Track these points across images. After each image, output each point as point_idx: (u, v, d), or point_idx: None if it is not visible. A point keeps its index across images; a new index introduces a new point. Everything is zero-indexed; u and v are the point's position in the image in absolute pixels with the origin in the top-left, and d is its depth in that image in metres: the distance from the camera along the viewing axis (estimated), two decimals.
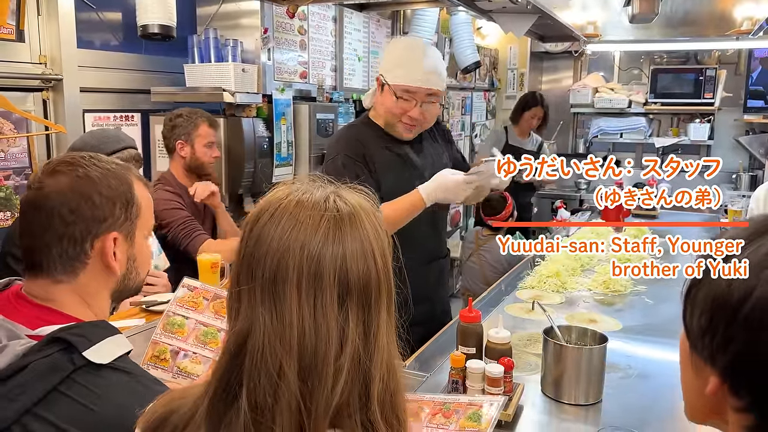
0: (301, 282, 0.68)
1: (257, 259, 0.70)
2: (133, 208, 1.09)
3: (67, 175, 1.03)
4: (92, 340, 0.95)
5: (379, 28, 4.39)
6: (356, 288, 0.70)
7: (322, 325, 0.68)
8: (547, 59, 6.47)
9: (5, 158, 2.73)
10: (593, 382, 1.51)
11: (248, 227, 0.73)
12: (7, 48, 2.68)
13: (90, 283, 1.06)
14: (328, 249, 0.69)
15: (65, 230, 1.02)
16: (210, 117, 2.78)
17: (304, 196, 0.72)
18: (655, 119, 6.03)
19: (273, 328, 0.68)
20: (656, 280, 2.60)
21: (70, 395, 0.91)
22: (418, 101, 1.98)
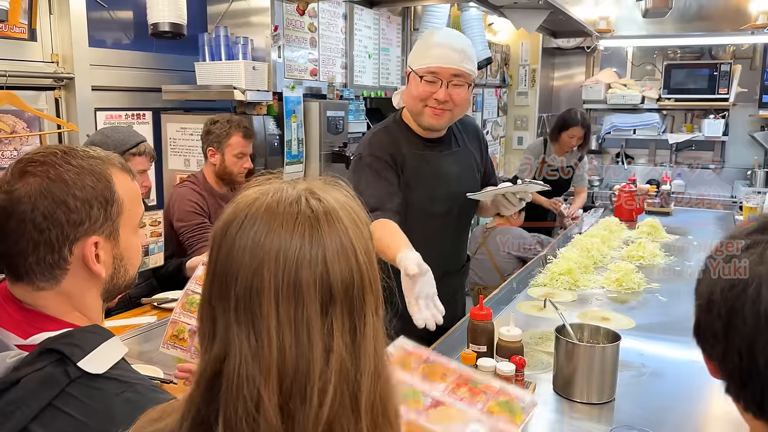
0: (279, 294, 0.62)
1: (229, 274, 0.63)
2: (113, 207, 1.00)
3: (38, 176, 0.95)
4: (86, 348, 0.90)
5: (390, 24, 4.38)
6: (339, 293, 0.64)
7: (304, 340, 0.62)
8: (559, 55, 6.43)
9: (18, 156, 2.74)
10: (606, 380, 1.49)
11: (216, 240, 0.66)
12: (20, 47, 2.70)
13: (74, 288, 0.99)
14: (305, 253, 0.63)
15: (40, 237, 0.94)
16: (246, 129, 2.76)
17: (273, 199, 0.66)
18: (669, 115, 5.97)
19: (250, 350, 0.61)
20: (670, 277, 2.61)
21: (65, 410, 0.86)
22: (444, 81, 1.89)
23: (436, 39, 1.94)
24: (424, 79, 1.90)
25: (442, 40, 1.92)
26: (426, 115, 1.95)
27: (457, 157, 2.10)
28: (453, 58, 1.89)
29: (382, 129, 2.07)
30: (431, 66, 1.89)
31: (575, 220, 4.14)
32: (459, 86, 1.92)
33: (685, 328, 2.08)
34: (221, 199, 2.79)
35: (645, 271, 2.61)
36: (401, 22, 4.52)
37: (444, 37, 1.94)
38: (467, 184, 2.10)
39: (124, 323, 2.08)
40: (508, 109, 6.19)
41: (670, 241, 3.28)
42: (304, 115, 3.44)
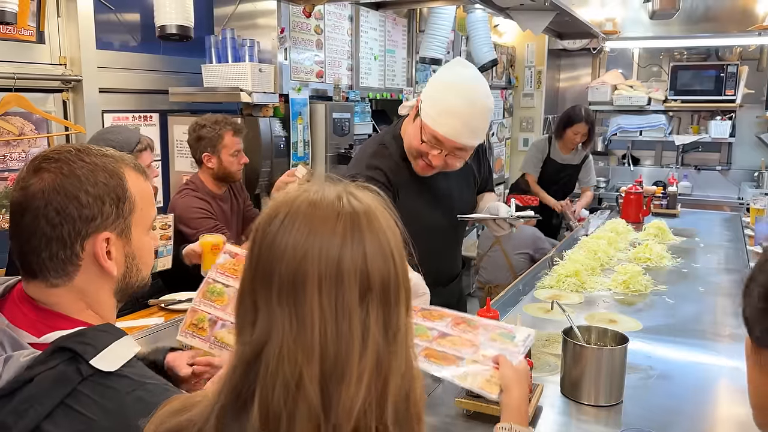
0: (321, 284, 0.66)
1: (273, 264, 0.68)
2: (126, 204, 1.01)
3: (52, 173, 0.96)
4: (98, 346, 0.91)
5: (396, 26, 4.39)
6: (376, 286, 0.68)
7: (344, 326, 0.66)
8: (564, 56, 6.42)
9: (26, 159, 2.76)
10: (614, 383, 1.49)
11: (259, 232, 0.71)
12: (28, 49, 2.71)
13: (87, 285, 0.99)
14: (347, 250, 0.68)
15: (53, 233, 0.95)
16: (235, 124, 2.73)
17: (316, 196, 0.70)
18: (675, 117, 5.96)
19: (293, 333, 0.66)
20: (677, 279, 2.60)
21: (76, 408, 0.87)
22: (445, 151, 1.83)
23: (457, 106, 1.78)
24: (427, 140, 1.83)
25: (462, 110, 1.78)
26: (417, 165, 1.91)
27: (455, 177, 2.04)
28: (462, 133, 1.80)
29: (379, 147, 2.01)
30: (438, 134, 1.80)
31: (581, 222, 4.13)
32: (457, 157, 1.87)
33: (693, 330, 2.09)
34: (221, 201, 2.79)
35: (652, 273, 2.61)
36: (407, 23, 4.53)
37: (465, 107, 1.78)
38: (464, 202, 2.10)
39: (132, 324, 2.09)
40: (513, 110, 6.19)
41: (676, 243, 3.27)
42: (310, 117, 3.44)
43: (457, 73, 1.86)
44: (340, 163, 3.56)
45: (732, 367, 1.74)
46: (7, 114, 2.62)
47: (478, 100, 1.81)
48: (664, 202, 4.25)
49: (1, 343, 0.92)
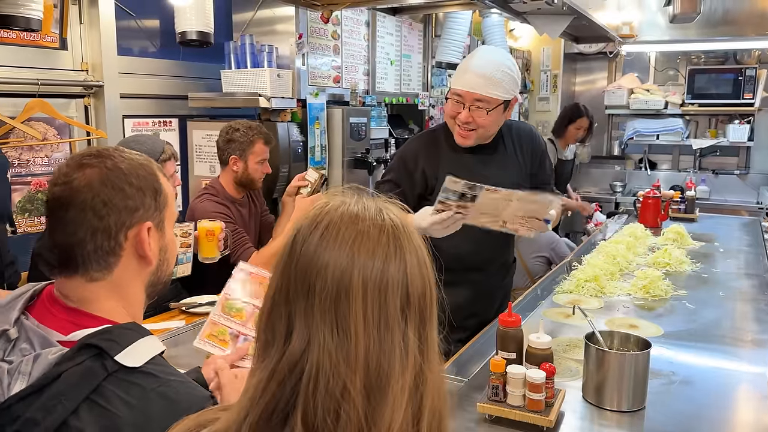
0: (366, 296, 0.66)
1: (312, 274, 0.67)
2: (161, 198, 1.06)
3: (95, 167, 1.00)
4: (123, 343, 0.93)
5: (412, 31, 4.40)
6: (415, 301, 0.69)
7: (386, 340, 0.66)
8: (580, 60, 6.40)
9: (49, 163, 2.80)
10: (636, 388, 1.48)
11: (298, 242, 0.70)
12: (51, 56, 2.76)
13: (124, 277, 1.03)
14: (391, 264, 0.68)
15: (99, 224, 0.98)
16: (266, 134, 2.79)
17: (356, 209, 0.71)
18: (692, 120, 5.91)
19: (335, 345, 0.65)
20: (697, 284, 2.58)
21: (101, 403, 0.89)
22: (467, 104, 2.02)
23: (470, 63, 2.04)
24: (450, 99, 2.06)
25: (473, 65, 2.02)
26: (456, 134, 2.11)
27: (499, 162, 2.17)
28: (477, 83, 2.00)
29: (428, 132, 2.28)
30: (457, 89, 2.04)
31: (598, 226, 4.11)
32: (480, 109, 2.03)
33: (714, 336, 2.07)
34: (240, 206, 2.81)
35: (671, 278, 2.59)
36: (423, 28, 4.54)
37: (476, 62, 2.02)
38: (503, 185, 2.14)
39: (153, 328, 2.11)
40: (529, 114, 6.17)
41: (695, 248, 3.24)
42: (327, 122, 3.46)
43: (473, 52, 2.14)
44: (356, 168, 3.58)
45: (755, 373, 1.73)
46: (30, 119, 2.66)
47: (490, 56, 2.04)
48: (682, 206, 4.22)
49: (31, 342, 0.95)
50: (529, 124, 2.36)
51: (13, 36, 2.60)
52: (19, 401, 0.88)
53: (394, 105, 4.29)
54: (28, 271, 2.33)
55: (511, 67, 2.06)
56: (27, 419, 0.86)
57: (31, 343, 0.94)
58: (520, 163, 2.23)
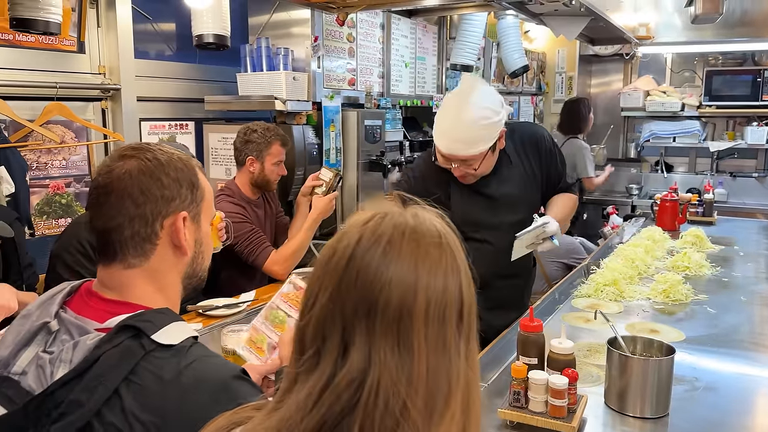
0: (428, 315, 0.65)
1: (376, 293, 0.66)
2: (198, 192, 1.11)
3: (135, 158, 1.05)
4: (158, 324, 0.97)
5: (426, 33, 4.39)
6: (466, 316, 0.69)
7: (445, 358, 0.66)
8: (596, 62, 6.35)
9: (66, 166, 2.82)
10: (660, 395, 1.46)
11: (357, 255, 0.68)
12: (69, 59, 2.78)
13: (161, 266, 1.07)
14: (450, 281, 0.68)
15: (136, 211, 1.03)
16: (283, 136, 2.79)
17: (414, 223, 0.70)
18: (710, 123, 5.85)
19: (396, 363, 0.64)
20: (717, 289, 2.55)
21: (139, 381, 0.91)
22: (455, 163, 2.02)
23: (443, 127, 2.00)
24: (438, 158, 2.05)
25: (447, 130, 1.99)
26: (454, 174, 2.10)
27: (508, 179, 2.18)
28: (456, 148, 1.98)
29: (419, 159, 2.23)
30: (440, 151, 2.02)
31: (615, 229, 4.07)
32: (470, 165, 2.03)
33: (737, 341, 2.04)
34: (256, 207, 2.81)
35: (691, 282, 2.55)
36: (437, 30, 4.53)
37: (449, 127, 1.99)
38: (518, 201, 2.21)
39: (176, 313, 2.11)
40: (544, 116, 6.14)
41: (714, 252, 3.20)
42: (342, 124, 3.46)
43: (450, 94, 2.07)
44: (371, 170, 3.57)
45: None
46: (49, 122, 2.68)
47: (460, 114, 1.97)
48: (700, 209, 4.17)
49: (70, 333, 0.98)
50: (528, 123, 2.36)
51: (31, 40, 2.62)
52: (62, 386, 0.91)
53: (409, 107, 4.28)
54: (46, 273, 2.34)
55: (489, 112, 1.98)
56: (71, 401, 0.89)
57: (70, 333, 0.98)
58: (528, 173, 2.23)
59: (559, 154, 2.35)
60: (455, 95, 2.04)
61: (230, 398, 0.91)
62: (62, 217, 2.81)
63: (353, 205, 3.48)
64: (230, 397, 0.92)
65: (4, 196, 2.42)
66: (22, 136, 2.61)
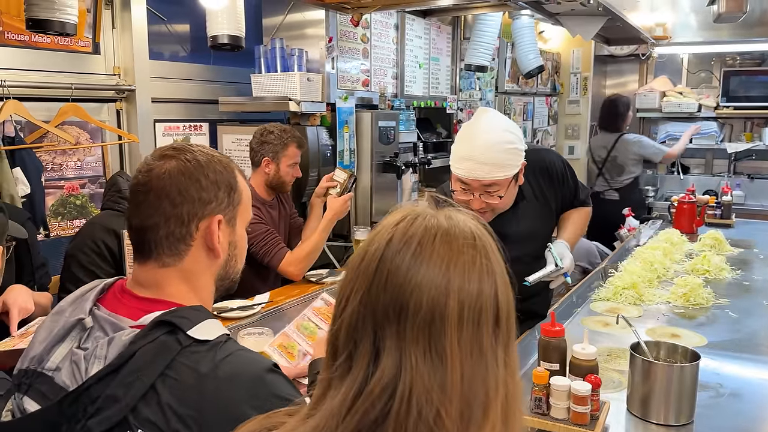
0: (462, 320, 0.63)
1: (406, 297, 0.64)
2: (236, 195, 1.11)
3: (175, 158, 1.06)
4: (194, 320, 0.97)
5: (440, 34, 4.36)
6: (503, 321, 0.66)
7: (481, 365, 0.63)
8: (611, 63, 6.29)
9: (81, 167, 2.82)
10: (684, 401, 1.42)
11: (387, 258, 0.66)
12: (84, 60, 2.78)
13: (195, 268, 1.07)
14: (485, 284, 0.65)
15: (173, 211, 1.04)
16: (300, 138, 2.78)
17: (447, 225, 0.67)
18: (727, 124, 5.78)
19: (428, 370, 0.62)
20: (738, 292, 2.50)
21: (176, 376, 0.91)
22: (476, 192, 1.89)
23: (468, 149, 1.86)
24: (455, 184, 1.91)
25: (474, 152, 1.85)
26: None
27: (526, 213, 2.12)
28: (483, 170, 1.84)
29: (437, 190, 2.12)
30: (462, 177, 1.88)
31: (631, 231, 4.02)
32: (493, 194, 1.91)
33: (761, 346, 1.99)
34: (270, 208, 2.80)
35: (711, 285, 2.51)
36: (451, 31, 4.50)
37: (476, 147, 1.85)
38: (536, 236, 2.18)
39: None
40: (558, 117, 6.09)
41: (734, 255, 3.14)
42: (356, 126, 3.44)
43: (467, 124, 1.96)
44: (385, 172, 3.55)
45: None
46: (63, 124, 2.68)
47: (488, 136, 1.86)
48: (718, 211, 4.11)
49: (104, 329, 0.99)
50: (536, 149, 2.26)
51: (47, 41, 2.62)
52: (98, 381, 0.91)
53: (422, 108, 4.25)
54: (61, 273, 2.34)
55: (512, 136, 1.90)
56: (107, 396, 0.90)
57: (103, 330, 0.99)
58: (543, 205, 2.19)
59: (569, 171, 2.30)
60: (474, 123, 1.93)
61: (266, 391, 0.93)
62: (77, 218, 2.81)
63: (367, 206, 3.46)
64: (266, 390, 0.93)
65: (20, 197, 2.42)
66: (37, 137, 2.61)
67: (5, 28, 2.50)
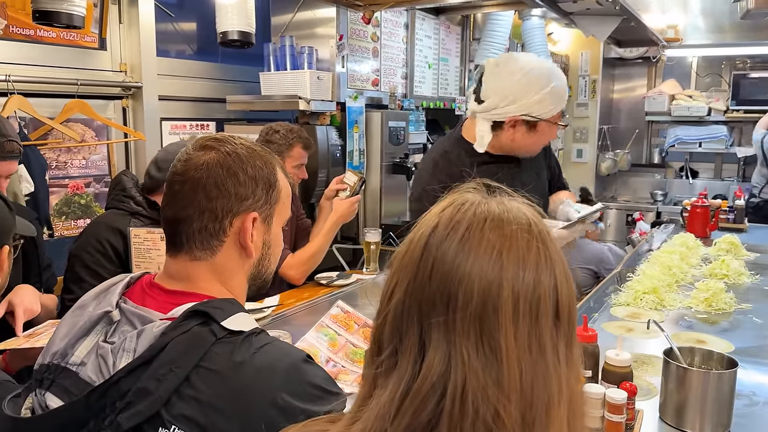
0: (517, 312, 0.58)
1: (455, 284, 0.59)
2: (274, 192, 1.06)
3: (215, 150, 1.02)
4: (228, 311, 0.94)
5: (450, 34, 4.31)
6: (564, 315, 0.61)
7: (541, 362, 0.58)
8: (619, 66, 6.24)
9: (86, 165, 2.76)
10: (721, 410, 1.36)
11: (432, 245, 0.61)
12: (90, 56, 2.72)
13: (226, 263, 1.03)
14: (543, 274, 0.60)
15: (208, 205, 1.00)
16: (306, 139, 2.70)
17: (498, 210, 0.62)
18: (737, 128, 5.72)
19: (482, 365, 0.57)
20: (760, 297, 2.43)
21: (211, 368, 0.87)
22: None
23: (559, 83, 1.95)
24: (556, 124, 1.98)
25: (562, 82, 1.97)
26: (533, 151, 2.06)
27: (527, 169, 2.11)
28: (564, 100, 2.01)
29: (442, 154, 2.04)
30: (562, 108, 1.98)
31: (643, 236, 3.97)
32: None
33: None
34: None
35: (731, 290, 2.44)
36: (460, 32, 4.45)
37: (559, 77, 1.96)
38: (541, 189, 2.19)
39: None
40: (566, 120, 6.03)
41: (750, 259, 3.08)
42: (366, 126, 3.38)
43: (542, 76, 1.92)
44: (394, 173, 3.49)
45: None
46: (68, 121, 2.62)
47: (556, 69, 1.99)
48: (731, 216, 4.05)
49: (131, 323, 0.95)
50: None
51: (53, 35, 2.57)
52: (128, 374, 0.87)
53: (431, 109, 4.20)
54: (64, 274, 2.28)
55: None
56: (138, 390, 0.85)
57: (131, 323, 0.95)
58: (540, 164, 2.24)
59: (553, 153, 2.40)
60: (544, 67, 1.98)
61: (302, 379, 0.91)
62: (81, 217, 2.75)
63: (376, 208, 3.40)
64: (302, 378, 0.91)
65: (23, 195, 2.36)
66: (42, 134, 2.55)
67: (10, 21, 2.44)
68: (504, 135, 1.96)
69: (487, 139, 1.97)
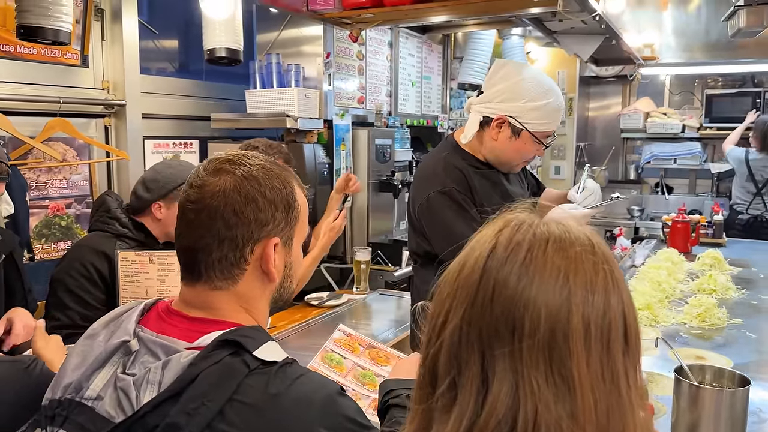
0: (588, 338, 0.55)
1: (519, 311, 0.56)
2: (294, 213, 1.02)
3: (231, 174, 0.96)
4: (258, 340, 0.90)
5: (432, 53, 4.33)
6: (633, 341, 0.59)
7: (614, 390, 0.55)
8: (594, 84, 6.34)
9: (67, 186, 2.68)
10: (735, 428, 1.35)
11: (491, 269, 0.58)
12: (72, 73, 2.65)
13: (249, 291, 0.99)
14: (611, 297, 0.57)
15: (227, 233, 0.95)
16: (287, 155, 2.61)
17: (557, 230, 0.60)
18: (710, 144, 5.84)
19: (553, 396, 0.54)
20: (750, 312, 2.46)
21: (246, 401, 0.83)
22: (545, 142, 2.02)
23: (557, 102, 1.95)
24: (537, 140, 1.94)
25: (558, 105, 1.95)
26: (516, 166, 2.06)
27: (515, 177, 2.16)
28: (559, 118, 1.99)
29: (444, 158, 2.01)
30: (550, 132, 1.96)
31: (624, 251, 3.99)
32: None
33: None
34: None
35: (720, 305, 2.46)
36: (442, 50, 4.47)
37: (558, 101, 1.96)
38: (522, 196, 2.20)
39: None
40: None
41: (734, 274, 3.13)
42: (353, 144, 3.36)
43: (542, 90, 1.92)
44: (381, 191, 3.47)
45: None
46: (49, 140, 2.54)
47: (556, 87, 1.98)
48: (710, 231, 4.12)
49: (152, 352, 0.89)
50: None
51: (33, 52, 2.49)
52: (154, 409, 0.82)
53: (414, 127, 4.20)
54: (46, 299, 2.20)
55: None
56: (168, 425, 0.80)
57: (153, 353, 0.89)
58: (523, 179, 2.27)
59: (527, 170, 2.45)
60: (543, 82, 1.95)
61: (338, 412, 0.88)
62: (62, 240, 2.66)
63: (364, 225, 3.36)
64: (338, 411, 0.89)
65: (3, 217, 2.27)
66: (21, 153, 2.46)
67: None
68: (488, 133, 1.94)
69: (472, 131, 1.96)
